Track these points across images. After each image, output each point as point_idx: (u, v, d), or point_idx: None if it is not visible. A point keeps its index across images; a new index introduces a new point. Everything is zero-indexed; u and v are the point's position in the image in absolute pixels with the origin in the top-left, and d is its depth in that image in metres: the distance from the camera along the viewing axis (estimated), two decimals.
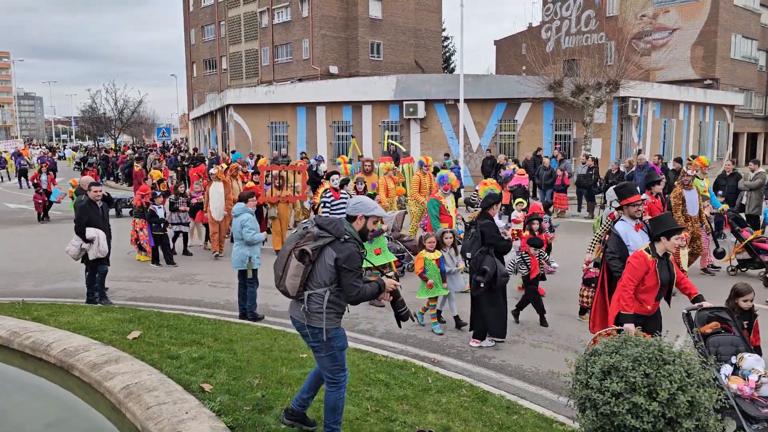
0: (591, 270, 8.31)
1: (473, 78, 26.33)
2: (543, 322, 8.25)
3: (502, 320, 7.43)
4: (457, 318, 8.23)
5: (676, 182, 11.37)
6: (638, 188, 6.97)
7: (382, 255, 9.27)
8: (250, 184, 13.90)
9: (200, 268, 11.91)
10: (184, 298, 9.75)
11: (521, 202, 10.77)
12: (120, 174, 30.55)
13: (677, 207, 10.48)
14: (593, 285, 7.85)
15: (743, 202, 14.00)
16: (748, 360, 4.88)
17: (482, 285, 7.21)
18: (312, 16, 37.55)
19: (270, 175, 13.53)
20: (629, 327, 5.13)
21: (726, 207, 12.06)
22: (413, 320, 5.36)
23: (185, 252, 13.19)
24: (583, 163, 18.58)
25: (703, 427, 2.90)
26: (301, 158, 23.55)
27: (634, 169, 17.24)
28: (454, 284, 8.27)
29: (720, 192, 14.09)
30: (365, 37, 37.77)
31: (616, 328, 5.33)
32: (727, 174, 14.53)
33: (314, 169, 18.50)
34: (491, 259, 7.21)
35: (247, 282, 8.37)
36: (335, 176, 10.73)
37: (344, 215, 5.40)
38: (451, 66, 52.16)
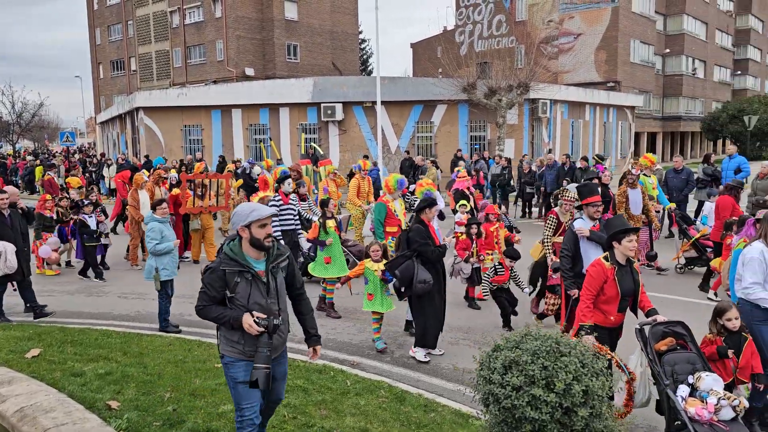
0: (553, 276, 7.97)
1: (390, 80, 26.61)
2: (506, 324, 8.17)
3: (432, 329, 7.11)
4: (408, 322, 8.12)
5: (621, 180, 11.64)
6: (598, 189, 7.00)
7: (333, 265, 8.89)
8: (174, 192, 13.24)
9: (109, 279, 11.38)
10: (92, 311, 9.28)
11: (464, 205, 10.69)
12: (20, 182, 28.71)
13: (621, 205, 10.80)
14: (557, 291, 7.72)
15: None
16: (706, 380, 4.45)
17: (401, 290, 7.03)
18: (225, 16, 36.76)
19: (192, 184, 12.76)
20: (587, 339, 4.72)
21: (674, 205, 12.14)
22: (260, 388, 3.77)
23: (101, 263, 12.41)
24: (497, 163, 19.16)
25: (597, 414, 3.05)
26: (220, 162, 23.00)
27: (544, 168, 17.99)
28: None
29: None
30: (281, 39, 37.36)
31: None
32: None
33: (248, 172, 17.98)
34: (408, 264, 6.90)
35: (158, 295, 7.94)
36: (288, 181, 10.18)
37: (294, 219, 5.32)
38: (369, 68, 52.49)
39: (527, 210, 18.90)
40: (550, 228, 8.10)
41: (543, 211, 17.89)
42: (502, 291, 8.24)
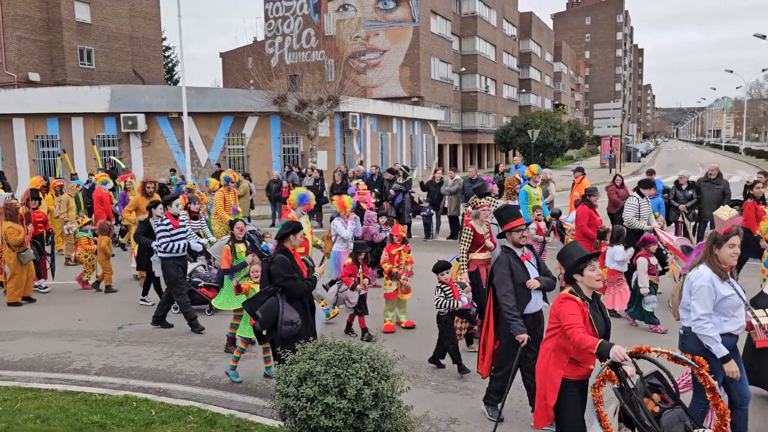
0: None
1: (197, 90, 25.66)
2: (461, 369, 6.84)
3: None
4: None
5: (504, 192, 11.50)
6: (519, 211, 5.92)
7: (242, 295, 7.55)
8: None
9: None
10: None
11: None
12: None
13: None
14: (466, 316, 7.24)
15: (446, 205, 15.97)
16: None
17: (262, 333, 5.97)
18: (2, 14, 32.71)
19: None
20: (618, 350, 3.84)
21: (558, 212, 11.92)
22: None
23: None
24: (309, 175, 19.36)
25: (387, 415, 3.20)
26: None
27: (355, 179, 18.54)
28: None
29: (429, 198, 15.94)
30: (72, 42, 34.18)
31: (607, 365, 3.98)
32: (437, 182, 16.42)
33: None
34: (272, 303, 5.75)
35: None
36: (177, 201, 9.02)
37: (184, 244, 4.36)
38: (175, 77, 50.11)
39: None
40: (466, 242, 7.66)
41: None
42: (451, 317, 6.93)
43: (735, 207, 11.73)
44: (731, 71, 61.45)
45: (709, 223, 12.32)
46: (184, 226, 9.00)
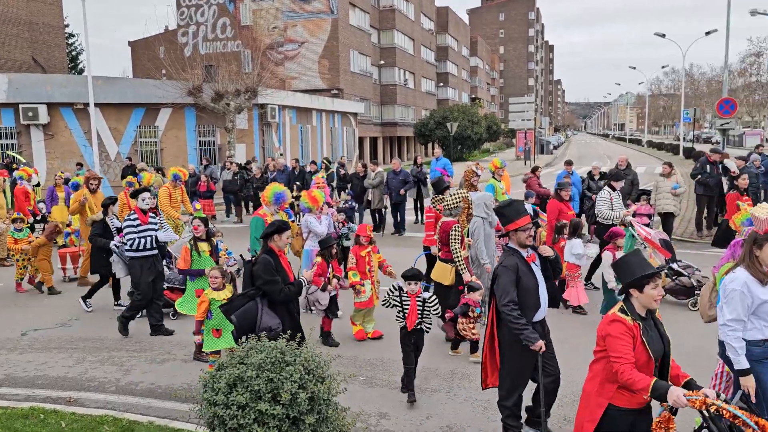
0: (466, 296, 7.05)
1: (105, 80, 24.31)
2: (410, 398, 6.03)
3: None
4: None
5: (462, 185, 10.63)
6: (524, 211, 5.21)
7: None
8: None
9: None
10: None
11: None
12: None
13: (465, 211, 10.71)
14: (472, 314, 6.92)
15: (369, 198, 15.90)
16: None
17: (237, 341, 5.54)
18: None
19: None
20: (677, 392, 3.46)
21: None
22: None
23: None
24: (228, 169, 18.79)
25: (324, 419, 3.08)
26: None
27: (275, 172, 18.15)
28: None
29: (351, 191, 15.85)
30: None
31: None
32: (360, 174, 16.30)
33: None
34: (249, 307, 5.36)
35: None
36: (145, 195, 8.28)
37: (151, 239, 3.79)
38: (80, 66, 47.37)
39: None
40: (456, 241, 7.38)
41: None
42: (413, 334, 5.99)
43: (643, 196, 12.47)
44: (634, 68, 64.92)
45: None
46: (155, 222, 8.30)
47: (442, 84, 66.90)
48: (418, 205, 16.75)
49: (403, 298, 5.95)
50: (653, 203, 12.45)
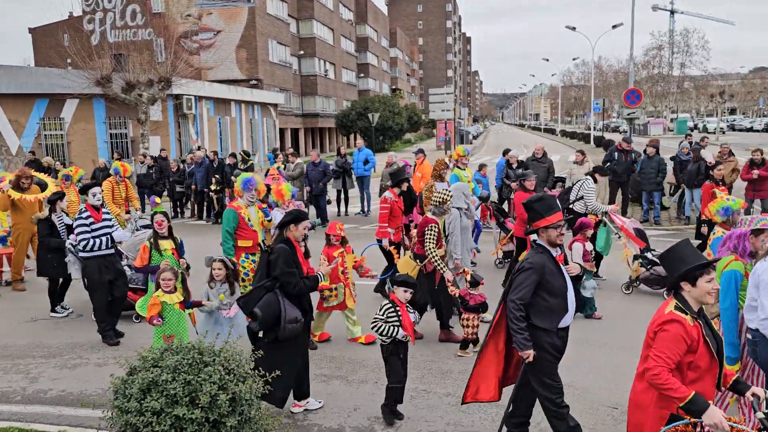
0: (472, 292, 6.73)
1: (4, 70, 22.71)
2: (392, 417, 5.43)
3: (297, 384, 5.49)
4: None
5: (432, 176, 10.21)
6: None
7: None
8: None
9: None
10: None
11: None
12: None
13: (427, 201, 10.17)
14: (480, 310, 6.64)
15: None
16: None
17: (258, 334, 5.28)
18: None
19: None
20: (718, 416, 3.19)
21: (487, 196, 11.55)
22: None
23: None
24: (142, 162, 18.00)
25: (246, 419, 2.97)
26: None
27: (193, 166, 17.54)
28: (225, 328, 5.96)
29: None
30: None
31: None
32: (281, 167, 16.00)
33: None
34: (270, 299, 5.09)
35: None
36: (96, 190, 7.56)
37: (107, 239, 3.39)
38: None
39: (179, 210, 18.18)
40: (431, 240, 7.00)
41: (195, 210, 17.46)
42: (398, 348, 5.33)
43: (558, 183, 12.90)
44: (547, 60, 67.29)
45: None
46: (109, 219, 7.62)
47: (362, 75, 66.85)
48: (342, 197, 16.67)
49: (387, 309, 5.27)
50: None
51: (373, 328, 5.23)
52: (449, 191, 7.41)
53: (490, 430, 5.17)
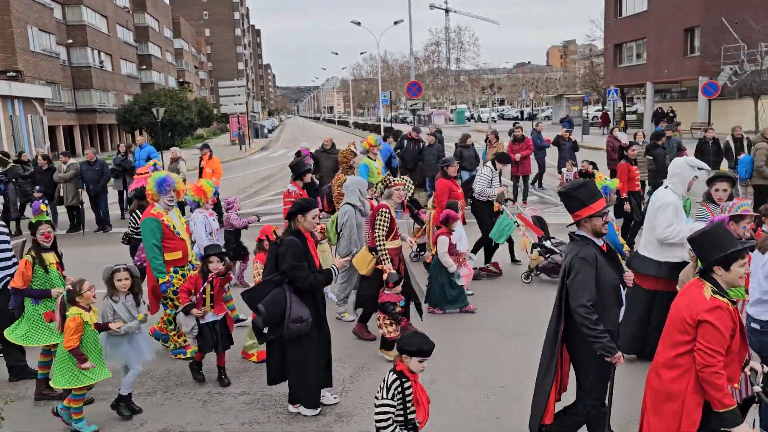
0: (386, 292, 6.08)
1: None
2: None
3: (314, 384, 5.13)
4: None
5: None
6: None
7: (47, 327, 5.77)
8: None
9: None
10: None
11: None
12: None
13: (339, 198, 9.22)
14: (391, 310, 6.03)
15: (62, 194, 13.95)
16: None
17: (262, 331, 4.99)
18: None
19: None
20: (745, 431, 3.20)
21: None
22: None
23: None
24: None
25: None
26: None
27: None
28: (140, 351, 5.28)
29: (40, 188, 13.65)
30: None
31: None
32: (43, 168, 14.19)
33: None
34: (277, 294, 4.80)
35: None
36: None
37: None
38: None
39: None
40: (382, 227, 6.37)
41: None
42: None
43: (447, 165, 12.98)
44: (336, 54, 69.03)
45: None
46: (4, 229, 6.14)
47: (144, 67, 62.44)
48: (125, 198, 15.33)
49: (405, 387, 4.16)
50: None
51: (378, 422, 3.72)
52: (399, 181, 6.87)
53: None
